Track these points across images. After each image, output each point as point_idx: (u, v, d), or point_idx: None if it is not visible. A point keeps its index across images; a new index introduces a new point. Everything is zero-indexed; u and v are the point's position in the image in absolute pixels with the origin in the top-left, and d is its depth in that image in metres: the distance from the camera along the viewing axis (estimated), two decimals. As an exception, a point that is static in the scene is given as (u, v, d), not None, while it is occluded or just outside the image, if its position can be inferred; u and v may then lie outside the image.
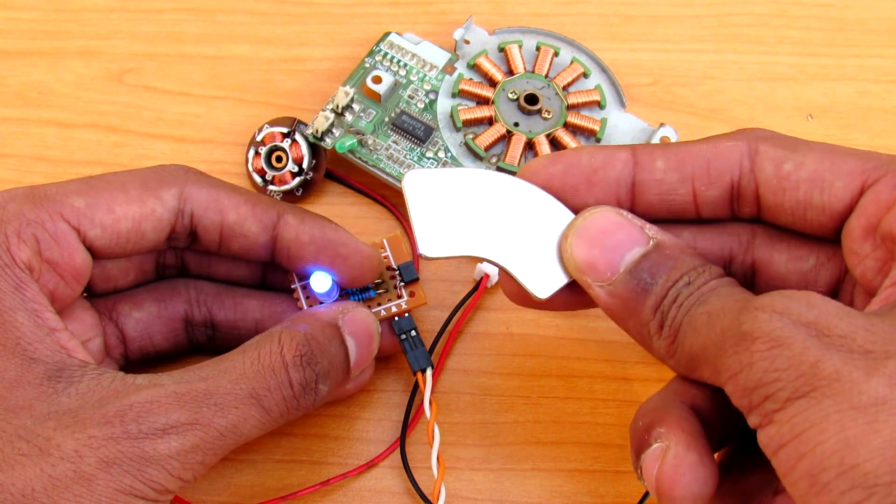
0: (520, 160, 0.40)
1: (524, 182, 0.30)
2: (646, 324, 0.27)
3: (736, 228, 0.30)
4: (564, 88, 0.42)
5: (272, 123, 0.41)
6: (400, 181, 0.40)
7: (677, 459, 0.25)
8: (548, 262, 0.29)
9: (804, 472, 0.22)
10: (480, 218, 0.30)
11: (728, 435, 0.28)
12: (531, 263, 0.29)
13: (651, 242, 0.28)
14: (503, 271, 0.30)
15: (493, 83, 0.42)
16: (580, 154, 0.30)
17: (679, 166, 0.29)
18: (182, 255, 0.35)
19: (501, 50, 0.43)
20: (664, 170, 0.29)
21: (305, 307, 0.34)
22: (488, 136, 0.40)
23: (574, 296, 0.30)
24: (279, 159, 0.41)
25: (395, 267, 0.35)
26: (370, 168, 0.40)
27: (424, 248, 0.29)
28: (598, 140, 0.41)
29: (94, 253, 0.31)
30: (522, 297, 0.30)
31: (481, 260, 0.30)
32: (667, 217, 0.30)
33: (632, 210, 0.29)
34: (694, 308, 0.26)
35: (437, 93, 0.42)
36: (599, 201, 0.29)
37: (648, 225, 0.28)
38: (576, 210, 0.30)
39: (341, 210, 0.41)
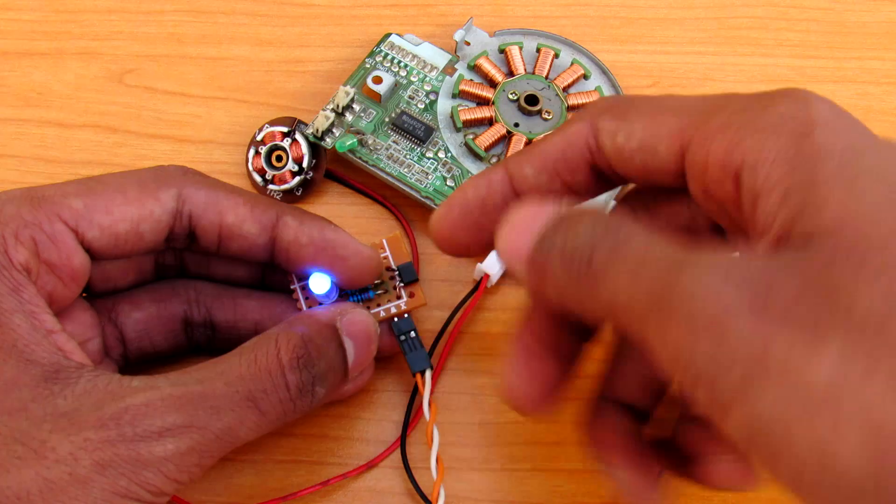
0: (520, 161, 0.40)
1: None
2: (558, 277, 0.25)
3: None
4: (565, 90, 0.42)
5: (272, 123, 0.41)
6: (400, 181, 0.40)
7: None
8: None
9: (786, 470, 0.20)
10: None
11: None
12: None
13: (556, 213, 0.27)
14: None
15: (493, 84, 0.42)
16: (465, 191, 0.30)
17: (543, 166, 0.29)
18: (181, 256, 0.35)
19: (502, 51, 0.43)
20: (534, 174, 0.29)
21: (305, 308, 0.34)
22: (488, 136, 0.40)
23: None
24: (279, 159, 0.41)
25: (394, 268, 0.35)
26: (370, 168, 0.40)
27: None
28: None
29: (93, 254, 0.31)
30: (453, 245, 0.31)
31: None
32: None
33: None
34: (608, 252, 0.24)
35: (437, 93, 0.42)
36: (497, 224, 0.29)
37: (567, 201, 0.28)
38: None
39: (341, 210, 0.41)
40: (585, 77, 0.43)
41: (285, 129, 0.41)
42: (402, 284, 0.35)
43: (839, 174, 0.21)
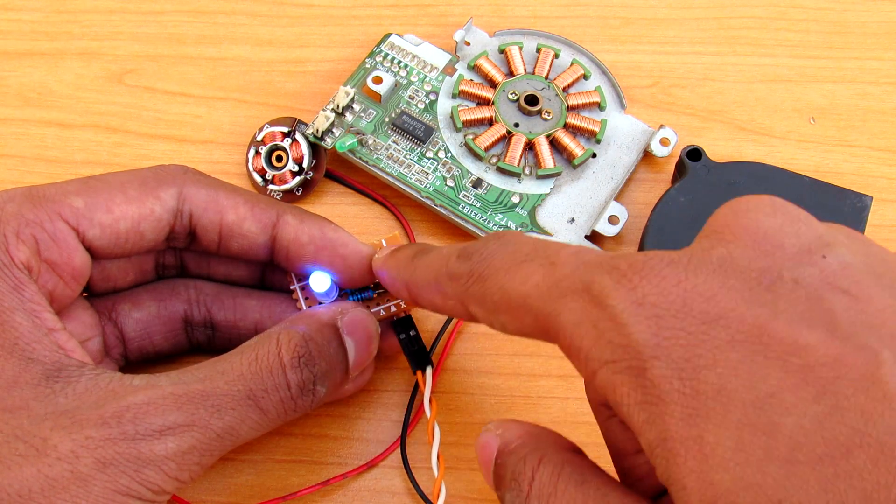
0: (519, 160, 0.40)
1: None
2: None
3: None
4: (565, 90, 0.42)
5: (273, 123, 0.41)
6: (400, 181, 0.40)
7: None
8: None
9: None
10: None
11: None
12: None
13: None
14: None
15: (493, 84, 0.42)
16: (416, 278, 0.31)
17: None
18: (181, 256, 0.35)
19: (502, 51, 0.43)
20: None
21: (304, 307, 0.34)
22: (488, 136, 0.40)
23: None
24: (279, 159, 0.41)
25: (394, 267, 0.35)
26: (370, 168, 0.40)
27: None
28: (598, 141, 0.41)
29: (94, 253, 0.31)
30: None
31: None
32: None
33: None
34: None
35: (437, 93, 0.42)
36: None
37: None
38: None
39: (341, 210, 0.41)
40: (585, 77, 0.43)
41: (285, 129, 0.41)
42: (402, 284, 0.35)
43: (687, 434, 0.21)
